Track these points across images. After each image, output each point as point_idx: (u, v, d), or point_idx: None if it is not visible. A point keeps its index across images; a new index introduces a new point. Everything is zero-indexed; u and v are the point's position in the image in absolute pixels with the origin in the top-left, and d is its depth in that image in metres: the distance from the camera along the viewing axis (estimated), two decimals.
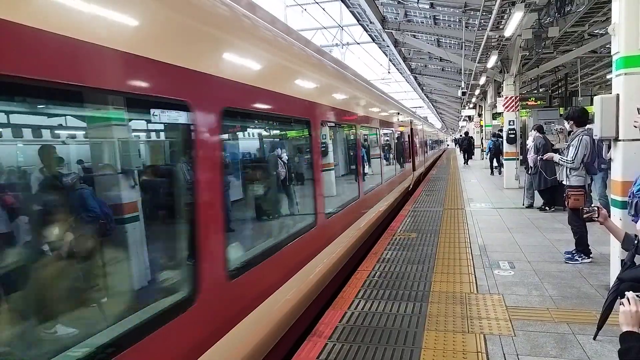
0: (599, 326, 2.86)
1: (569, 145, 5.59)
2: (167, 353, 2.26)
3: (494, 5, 8.97)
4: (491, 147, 17.75)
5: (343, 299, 4.49)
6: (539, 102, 18.25)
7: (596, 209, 3.22)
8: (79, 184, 2.47)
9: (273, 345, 3.59)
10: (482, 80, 16.89)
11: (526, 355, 3.24)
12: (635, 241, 2.87)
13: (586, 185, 5.57)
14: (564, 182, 5.65)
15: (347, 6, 16.23)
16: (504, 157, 13.51)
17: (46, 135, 2.52)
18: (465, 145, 25.65)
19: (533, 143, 8.71)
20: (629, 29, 3.85)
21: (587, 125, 5.55)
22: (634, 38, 3.84)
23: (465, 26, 13.44)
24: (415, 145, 15.97)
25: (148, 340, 2.09)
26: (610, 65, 4.47)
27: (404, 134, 13.41)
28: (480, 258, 5.78)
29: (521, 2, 8.46)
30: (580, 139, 5.38)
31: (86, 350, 1.83)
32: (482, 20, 11.04)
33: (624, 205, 3.75)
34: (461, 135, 35.26)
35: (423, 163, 19.90)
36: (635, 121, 3.67)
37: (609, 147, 4.34)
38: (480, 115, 26.99)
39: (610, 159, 4.34)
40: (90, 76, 1.84)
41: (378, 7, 14.57)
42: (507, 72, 13.07)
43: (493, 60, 12.31)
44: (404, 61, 22.83)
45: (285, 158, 4.67)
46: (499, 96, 16.80)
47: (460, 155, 27.81)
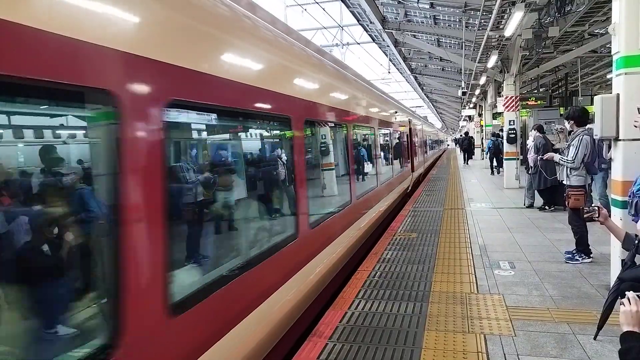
0: (600, 326, 2.86)
1: (569, 145, 5.59)
2: None
3: (494, 5, 8.98)
4: (490, 147, 17.78)
5: (343, 299, 4.49)
6: (539, 102, 18.25)
7: (596, 208, 3.22)
8: None
9: (273, 346, 3.59)
10: (482, 80, 16.90)
11: (526, 355, 3.24)
12: (636, 241, 2.87)
13: (586, 185, 5.57)
14: (564, 182, 5.65)
15: (347, 6, 16.24)
16: (504, 157, 13.51)
17: None
18: (466, 145, 25.67)
19: (533, 143, 8.72)
20: (629, 29, 3.85)
21: (588, 125, 5.55)
22: (634, 38, 3.84)
23: (466, 26, 13.44)
24: (414, 145, 15.54)
25: None
26: (611, 65, 4.47)
27: (402, 133, 12.99)
28: (481, 258, 5.78)
29: (521, 2, 8.46)
30: (581, 139, 5.38)
31: None
32: (482, 20, 11.04)
33: (625, 205, 3.75)
34: (461, 135, 35.30)
35: (422, 163, 19.43)
36: (635, 121, 3.67)
37: (609, 147, 4.35)
38: (480, 115, 27.00)
39: (610, 158, 4.34)
40: None
41: (378, 7, 14.58)
42: (507, 72, 13.08)
43: (493, 60, 12.32)
44: (404, 61, 22.84)
45: (259, 160, 4.11)
46: (499, 96, 16.81)
47: (460, 155, 27.82)
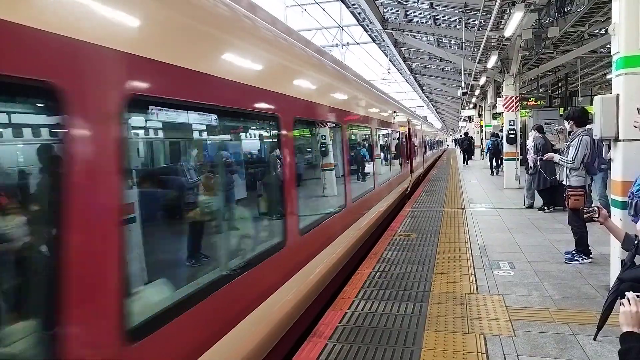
0: (599, 326, 2.86)
1: (569, 146, 5.59)
2: None
3: (494, 5, 8.97)
4: (490, 147, 17.79)
5: (343, 300, 4.49)
6: (539, 102, 18.26)
7: (596, 209, 3.22)
8: None
9: (273, 346, 3.59)
10: (482, 80, 16.90)
11: (526, 356, 3.23)
12: (636, 241, 2.87)
13: (586, 186, 5.57)
14: (564, 182, 5.65)
15: (347, 6, 16.25)
16: (504, 158, 13.51)
17: None
18: (465, 146, 25.69)
19: (533, 143, 8.73)
20: (629, 29, 3.85)
21: (587, 126, 5.55)
22: (634, 38, 3.84)
23: (465, 26, 13.45)
24: (413, 145, 15.25)
25: None
26: (610, 65, 4.47)
27: (401, 134, 12.76)
28: (481, 258, 5.78)
29: (521, 2, 8.46)
30: (581, 139, 5.38)
31: None
32: (482, 21, 11.03)
33: (624, 205, 3.75)
34: (461, 135, 35.33)
35: (422, 164, 19.11)
36: (635, 121, 3.67)
37: (609, 147, 4.34)
38: (480, 115, 27.01)
39: (610, 159, 4.34)
40: None
41: (378, 8, 14.60)
42: (507, 72, 13.08)
43: (493, 60, 12.32)
44: (404, 61, 22.86)
45: (236, 162, 3.73)
46: (499, 96, 16.82)
47: (460, 155, 27.84)
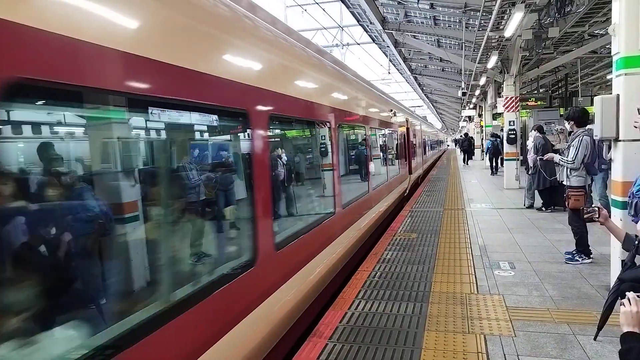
0: (600, 327, 2.85)
1: (569, 146, 5.59)
2: None
3: (494, 5, 8.97)
4: (489, 148, 17.81)
5: (343, 300, 4.49)
6: (539, 103, 18.25)
7: (596, 209, 3.22)
8: None
9: (273, 346, 3.59)
10: (482, 80, 16.90)
11: (526, 356, 3.24)
12: (636, 241, 2.87)
13: (586, 186, 5.57)
14: (564, 183, 5.65)
15: (347, 7, 16.25)
16: (505, 158, 13.51)
17: None
18: (466, 146, 25.75)
19: (533, 143, 8.74)
20: (629, 30, 3.85)
21: (588, 126, 5.55)
22: (634, 38, 3.84)
23: (466, 27, 13.45)
24: (412, 146, 14.84)
25: None
26: (611, 66, 4.47)
27: (399, 134, 12.39)
28: (481, 258, 5.78)
29: (521, 3, 8.46)
30: (581, 140, 5.39)
31: None
32: (482, 21, 11.04)
33: (624, 205, 3.75)
34: (461, 136, 35.36)
35: (421, 165, 18.76)
36: (635, 122, 3.67)
37: (609, 148, 4.35)
38: (480, 115, 26.99)
39: (610, 159, 4.35)
40: None
41: (378, 8, 14.60)
42: (507, 73, 13.08)
43: (493, 60, 12.32)
44: (404, 62, 22.86)
45: (193, 166, 3.27)
46: (499, 96, 16.81)
47: (460, 155, 27.87)
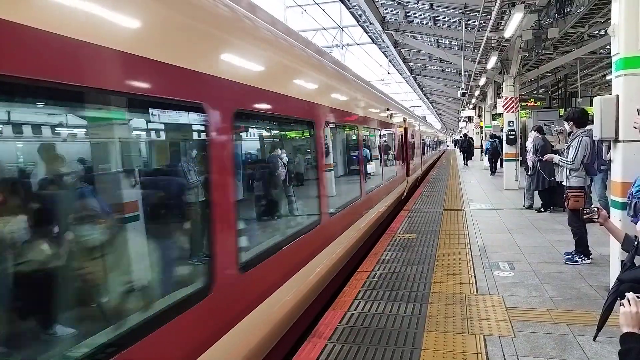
0: (599, 327, 2.86)
1: (568, 146, 5.60)
2: None
3: (494, 6, 8.97)
4: (489, 149, 17.84)
5: (343, 300, 4.49)
6: (538, 103, 18.25)
7: (596, 210, 3.23)
8: None
9: (273, 346, 3.59)
10: (482, 81, 16.90)
11: (526, 356, 3.24)
12: (635, 242, 2.87)
13: (586, 187, 5.58)
14: (563, 183, 5.65)
15: (347, 7, 16.25)
16: (504, 158, 13.51)
17: None
18: (465, 147, 25.79)
19: (532, 144, 8.75)
20: (629, 30, 3.86)
21: (587, 126, 5.56)
22: (633, 39, 3.84)
23: (465, 27, 13.45)
24: (409, 147, 14.25)
25: None
26: (610, 66, 4.47)
27: (396, 134, 11.88)
28: (480, 259, 5.78)
29: (521, 3, 8.46)
30: (580, 140, 5.39)
31: None
32: (482, 21, 11.03)
33: (624, 206, 3.75)
34: (461, 136, 35.40)
35: (420, 166, 18.23)
36: (635, 122, 3.67)
37: (609, 148, 4.35)
38: (480, 116, 27.01)
39: (610, 160, 4.35)
40: None
41: (378, 8, 14.60)
42: (507, 73, 13.09)
43: (493, 61, 12.32)
44: (403, 62, 22.86)
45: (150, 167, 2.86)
46: (499, 97, 16.82)
47: (460, 156, 27.90)
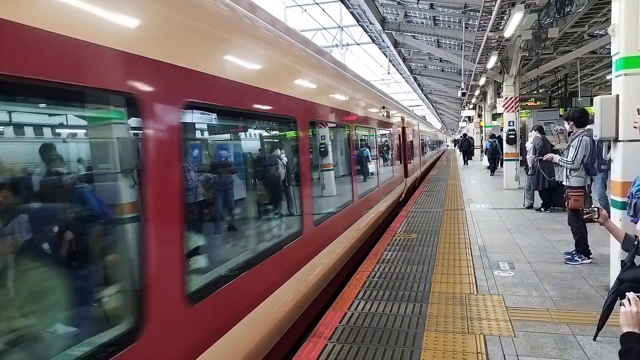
0: (599, 327, 2.86)
1: (569, 146, 5.60)
2: None
3: (494, 6, 8.97)
4: (488, 149, 17.85)
5: (343, 300, 4.49)
6: (538, 103, 18.25)
7: (596, 209, 3.23)
8: None
9: (272, 346, 3.59)
10: (482, 81, 16.90)
11: (526, 356, 3.24)
12: (635, 242, 2.87)
13: (586, 186, 5.58)
14: (563, 183, 5.65)
15: (347, 7, 16.25)
16: (504, 158, 13.52)
17: None
18: (465, 147, 25.83)
19: (532, 144, 8.74)
20: (629, 30, 3.85)
21: (587, 126, 5.56)
22: (633, 39, 3.84)
23: (465, 27, 13.45)
24: (407, 147, 13.73)
25: None
26: (610, 66, 4.47)
27: (393, 134, 11.31)
28: (480, 259, 5.78)
29: (521, 3, 8.46)
30: (580, 140, 5.39)
31: None
32: (482, 21, 11.04)
33: (624, 206, 3.75)
34: (461, 136, 35.43)
35: (419, 167, 17.73)
36: (635, 122, 3.67)
37: (609, 148, 4.35)
38: (480, 116, 27.01)
39: (610, 159, 4.35)
40: None
41: (378, 8, 14.60)
42: (507, 73, 13.09)
43: (493, 61, 12.32)
44: (403, 62, 22.85)
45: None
46: (499, 97, 16.82)
47: (460, 156, 27.93)
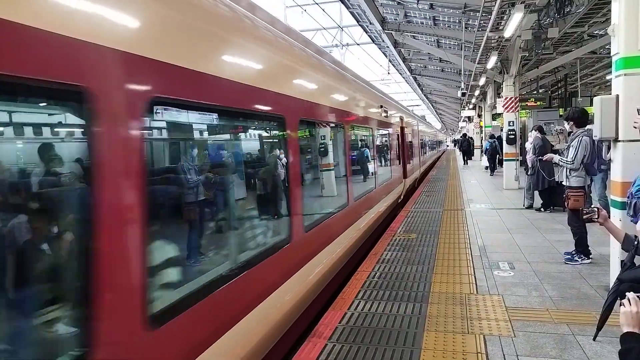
0: (599, 327, 2.85)
1: (568, 146, 5.60)
2: None
3: (494, 6, 8.98)
4: (488, 149, 17.86)
5: (343, 300, 4.49)
6: (538, 103, 18.26)
7: (596, 209, 3.22)
8: None
9: (272, 346, 3.59)
10: (482, 81, 16.90)
11: (526, 356, 3.24)
12: (635, 242, 2.87)
13: (586, 186, 5.58)
14: (563, 183, 5.66)
15: (347, 7, 16.25)
16: (504, 158, 13.53)
17: None
18: (465, 147, 25.85)
19: (532, 144, 8.75)
20: (629, 30, 3.85)
21: (587, 126, 5.56)
22: (633, 39, 3.84)
23: (465, 27, 13.45)
24: (406, 148, 13.35)
25: None
26: (610, 66, 4.47)
27: (391, 134, 10.96)
28: (480, 259, 5.78)
29: (521, 3, 8.47)
30: (580, 140, 5.39)
31: None
32: (482, 21, 11.04)
33: (624, 206, 3.75)
34: (460, 136, 35.45)
35: (418, 167, 17.36)
36: (635, 122, 3.67)
37: (609, 148, 4.35)
38: (480, 116, 27.02)
39: (609, 159, 4.35)
40: None
41: (378, 8, 14.60)
42: (507, 73, 13.09)
43: (493, 61, 12.32)
44: (403, 62, 22.86)
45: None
46: (499, 97, 16.82)
47: (460, 156, 27.95)
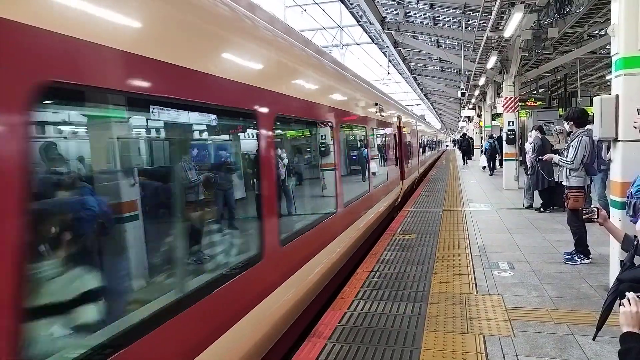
0: (599, 327, 2.85)
1: (568, 146, 5.60)
2: None
3: (494, 6, 8.98)
4: (487, 149, 17.88)
5: (342, 300, 4.49)
6: (538, 103, 18.27)
7: (596, 209, 3.23)
8: None
9: (272, 346, 3.59)
10: (482, 81, 16.91)
11: (526, 356, 3.24)
12: (635, 242, 2.87)
13: (586, 186, 5.58)
14: (563, 183, 5.66)
15: (347, 7, 16.25)
16: (504, 158, 13.54)
17: None
18: (465, 147, 25.86)
19: (531, 144, 8.75)
20: (629, 30, 3.86)
21: (587, 126, 5.56)
22: (633, 39, 3.84)
23: (465, 27, 13.45)
24: (404, 148, 12.87)
25: None
26: (610, 66, 4.47)
27: (387, 134, 10.53)
28: (480, 259, 5.78)
29: (520, 3, 8.47)
30: (580, 140, 5.39)
31: None
32: (482, 21, 11.04)
33: (623, 206, 3.75)
34: (460, 136, 35.47)
35: (417, 168, 16.80)
36: (634, 122, 3.67)
37: (609, 148, 4.35)
38: (479, 115, 27.03)
39: (609, 159, 4.35)
40: None
41: (377, 8, 14.60)
42: (507, 73, 13.09)
43: (492, 61, 12.33)
44: (403, 62, 22.85)
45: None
46: (499, 97, 16.82)
47: (459, 156, 27.97)
